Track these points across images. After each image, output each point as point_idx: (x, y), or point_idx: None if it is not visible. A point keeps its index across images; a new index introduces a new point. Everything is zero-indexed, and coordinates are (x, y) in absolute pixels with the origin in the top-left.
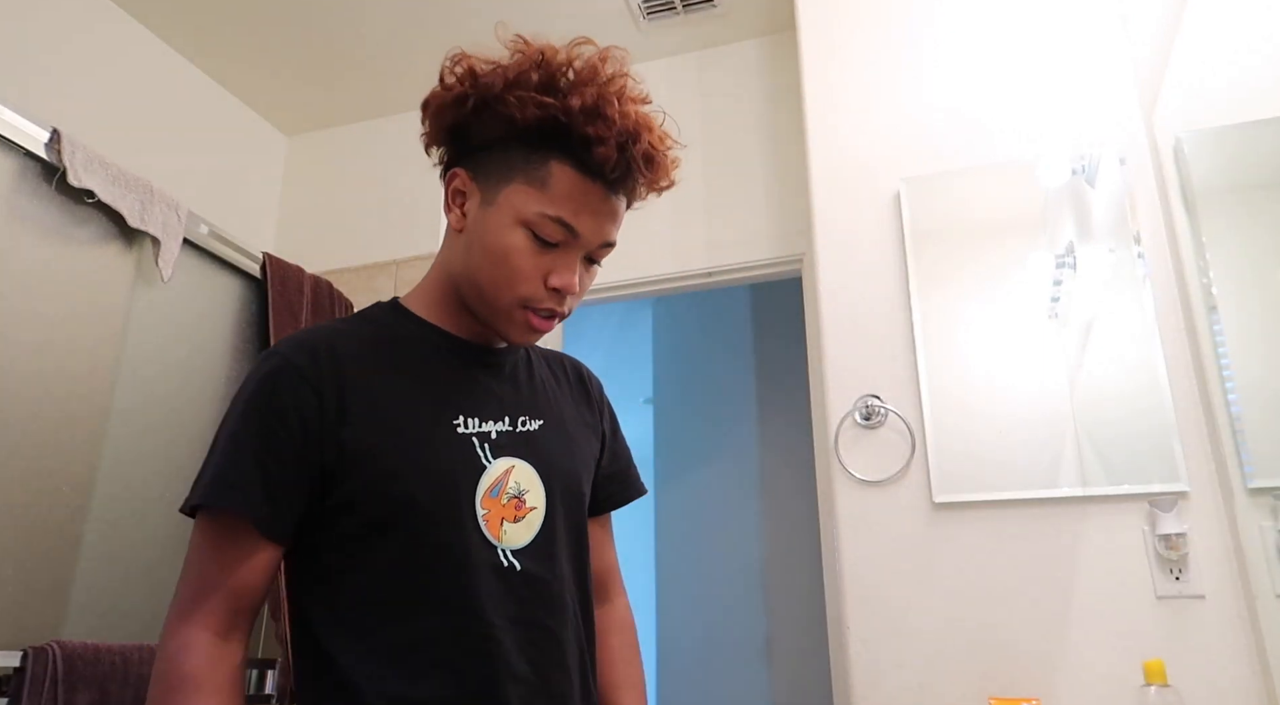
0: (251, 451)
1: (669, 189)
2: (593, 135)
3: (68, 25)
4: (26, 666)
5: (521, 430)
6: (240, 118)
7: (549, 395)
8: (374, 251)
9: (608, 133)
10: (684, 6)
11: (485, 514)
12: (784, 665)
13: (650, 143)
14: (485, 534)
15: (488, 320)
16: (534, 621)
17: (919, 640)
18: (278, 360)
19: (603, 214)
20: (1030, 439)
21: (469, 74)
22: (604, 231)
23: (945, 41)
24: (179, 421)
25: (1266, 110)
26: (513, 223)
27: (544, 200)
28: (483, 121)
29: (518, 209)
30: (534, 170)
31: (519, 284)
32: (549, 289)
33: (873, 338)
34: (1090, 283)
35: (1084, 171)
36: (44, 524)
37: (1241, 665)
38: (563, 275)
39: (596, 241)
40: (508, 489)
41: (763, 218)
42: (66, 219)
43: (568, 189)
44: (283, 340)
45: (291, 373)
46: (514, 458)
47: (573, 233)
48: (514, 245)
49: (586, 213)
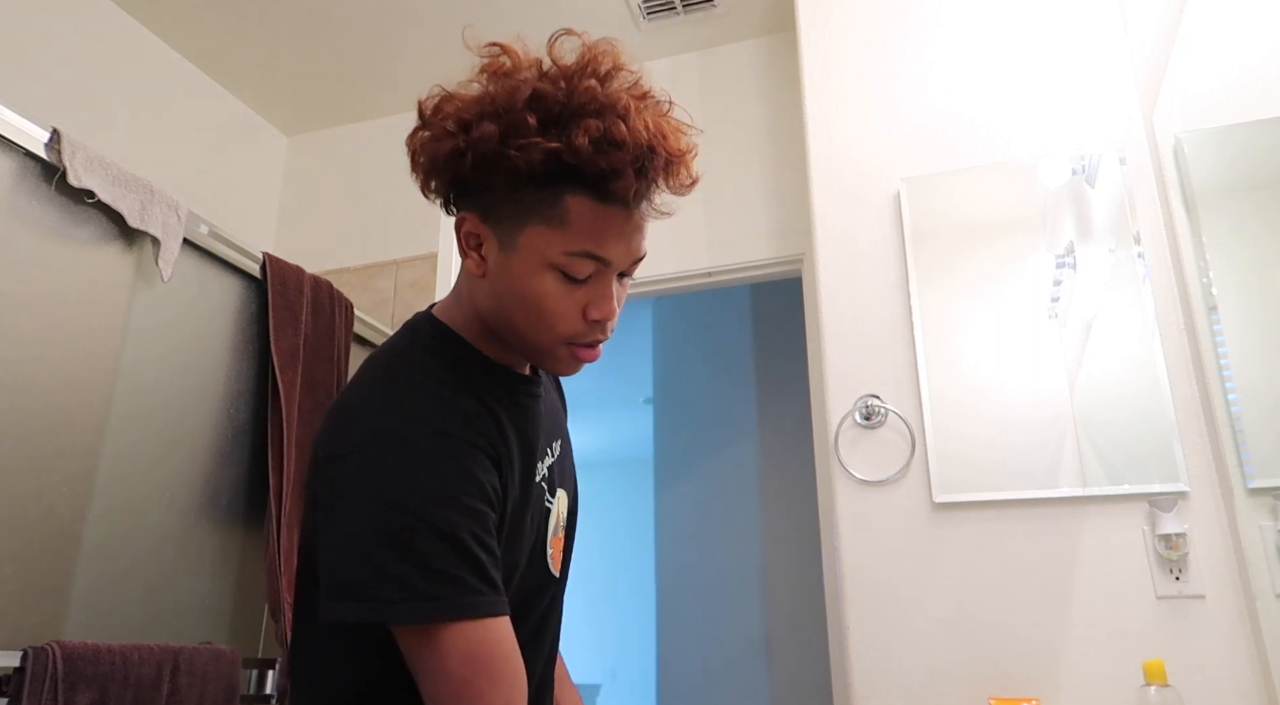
0: (480, 547)
1: (693, 188)
2: (607, 168)
3: (68, 25)
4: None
5: (555, 458)
6: (240, 118)
7: (555, 410)
8: (374, 251)
9: (622, 161)
10: (684, 6)
11: (551, 555)
12: (784, 665)
13: (667, 152)
14: (552, 572)
15: (531, 358)
16: (547, 625)
17: (919, 640)
18: (454, 444)
19: (628, 234)
20: (1030, 439)
21: (457, 124)
22: (634, 249)
23: (945, 42)
24: (179, 421)
25: (1266, 110)
26: (539, 267)
27: (567, 238)
28: (484, 174)
29: (541, 252)
30: (550, 209)
31: (559, 325)
32: (589, 322)
33: (873, 338)
34: (1090, 283)
35: (1084, 171)
36: (44, 524)
37: (1241, 665)
38: (601, 307)
39: (629, 261)
40: (560, 522)
41: (763, 218)
42: (66, 219)
43: (589, 222)
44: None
45: (477, 453)
46: (561, 489)
47: (603, 262)
48: (545, 290)
49: (612, 239)
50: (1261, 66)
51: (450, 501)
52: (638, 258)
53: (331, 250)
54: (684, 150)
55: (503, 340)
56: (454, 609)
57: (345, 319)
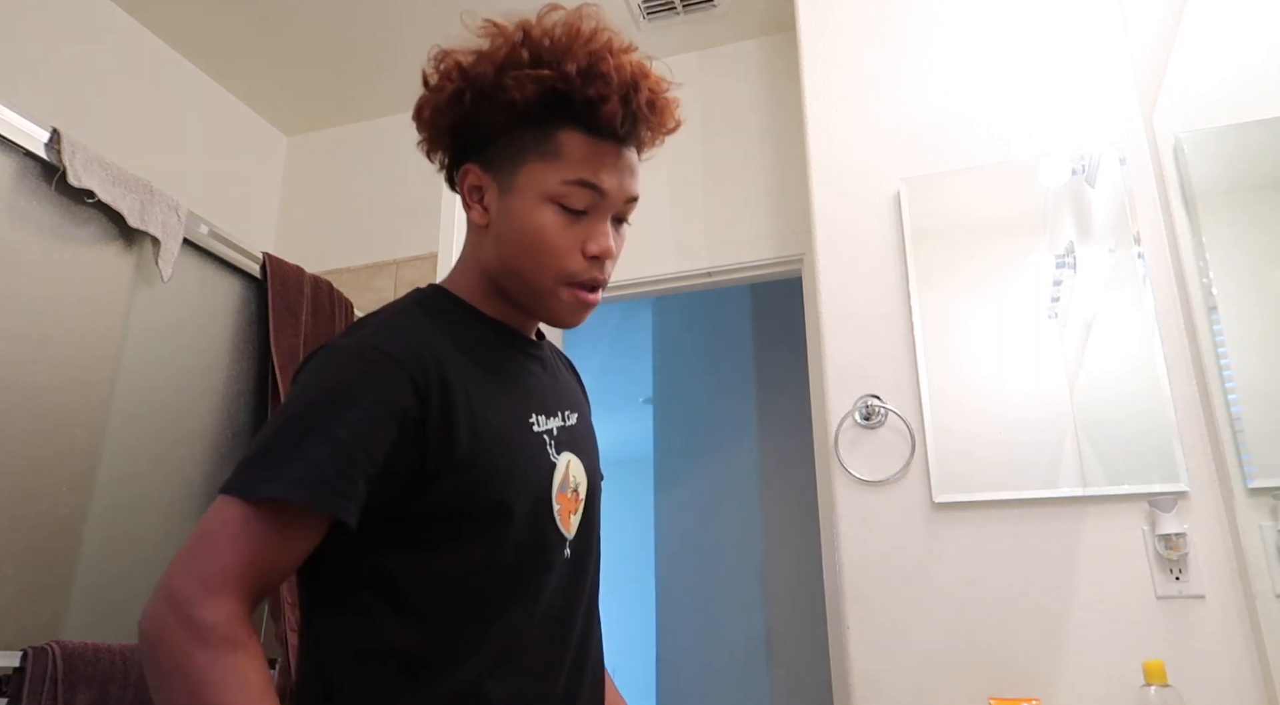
0: (354, 454)
1: (675, 131)
2: (595, 96)
3: (67, 25)
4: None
5: (567, 424)
6: (240, 118)
7: (571, 388)
8: (374, 251)
9: (609, 90)
10: (684, 6)
11: (559, 509)
12: (784, 665)
13: (650, 89)
14: (560, 528)
15: (534, 307)
16: (575, 612)
17: (919, 640)
18: (383, 360)
19: (621, 169)
20: (1030, 439)
21: (456, 69)
22: (626, 186)
23: (945, 42)
24: (179, 421)
25: (1266, 110)
26: (537, 201)
27: (563, 169)
28: (484, 112)
29: (539, 186)
30: (544, 145)
31: (559, 260)
32: (588, 259)
33: (873, 338)
34: (1090, 283)
35: (1084, 171)
36: (44, 523)
37: (1241, 665)
38: (599, 240)
39: (622, 197)
40: (570, 483)
41: (763, 218)
42: (66, 219)
43: (582, 153)
44: (374, 335)
45: (401, 375)
46: (570, 452)
47: (599, 192)
48: (544, 223)
49: (606, 170)
50: (1261, 66)
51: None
52: (631, 196)
53: (331, 250)
54: (665, 88)
55: (506, 296)
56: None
57: (345, 319)
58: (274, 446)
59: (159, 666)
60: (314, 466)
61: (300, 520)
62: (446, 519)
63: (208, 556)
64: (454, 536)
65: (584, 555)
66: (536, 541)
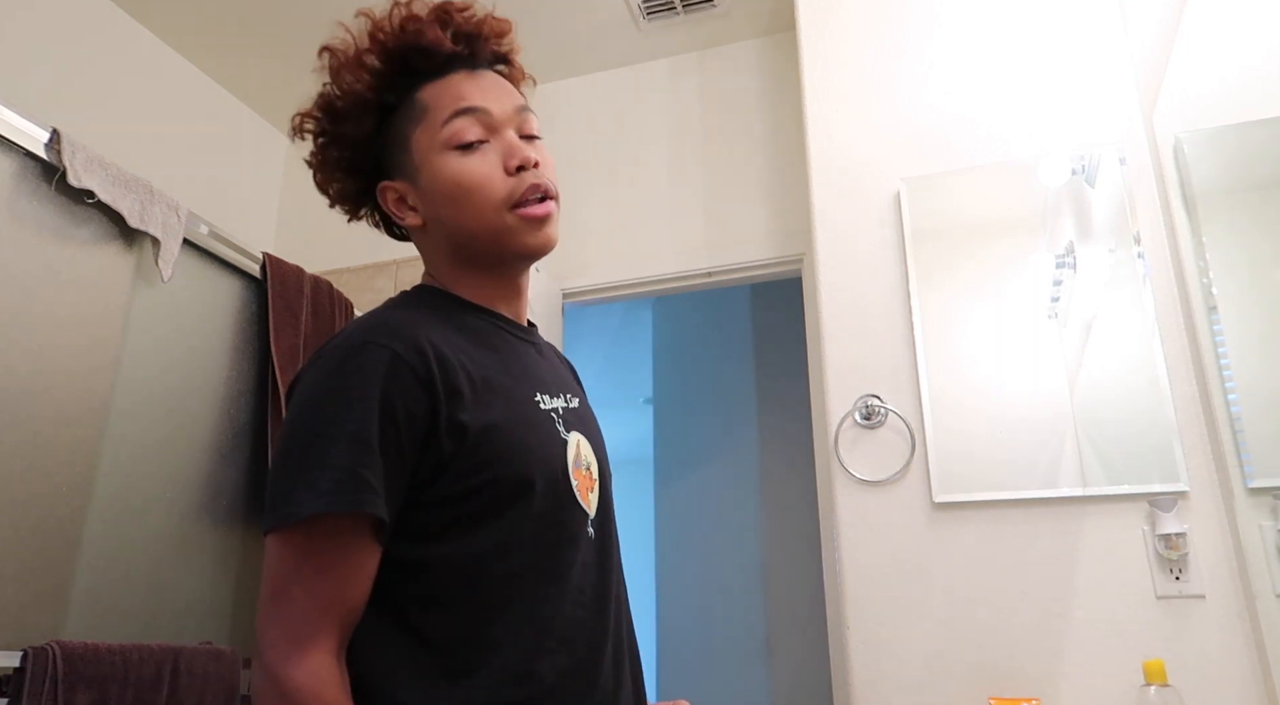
0: (374, 449)
1: (508, 34)
2: (414, 34)
3: (68, 25)
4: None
5: (570, 406)
6: (240, 118)
7: (568, 377)
8: (374, 251)
9: (421, 25)
10: (684, 6)
11: (577, 485)
12: (784, 665)
13: (457, 9)
14: (581, 505)
15: (501, 252)
16: (608, 589)
17: (919, 640)
18: (383, 353)
19: (484, 88)
20: (1030, 439)
21: (310, 115)
22: (504, 98)
23: (945, 42)
24: (179, 421)
25: (1266, 110)
26: (437, 157)
27: (436, 116)
28: (350, 123)
29: (429, 145)
30: (412, 113)
31: (488, 191)
32: (514, 175)
33: (873, 338)
34: (1090, 283)
35: (1084, 171)
36: (44, 524)
37: (1241, 665)
38: (513, 152)
39: (507, 110)
40: (582, 460)
41: (763, 218)
42: (66, 219)
43: (443, 94)
44: (373, 330)
45: (405, 370)
46: (578, 432)
47: (477, 111)
48: (455, 169)
49: (470, 91)
50: (1261, 66)
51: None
52: (517, 106)
53: (331, 250)
54: (469, 3)
55: (483, 273)
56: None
57: (345, 319)
58: (298, 467)
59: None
60: (344, 473)
61: (350, 532)
62: (468, 501)
63: (279, 607)
64: (477, 518)
65: (607, 536)
66: (559, 518)
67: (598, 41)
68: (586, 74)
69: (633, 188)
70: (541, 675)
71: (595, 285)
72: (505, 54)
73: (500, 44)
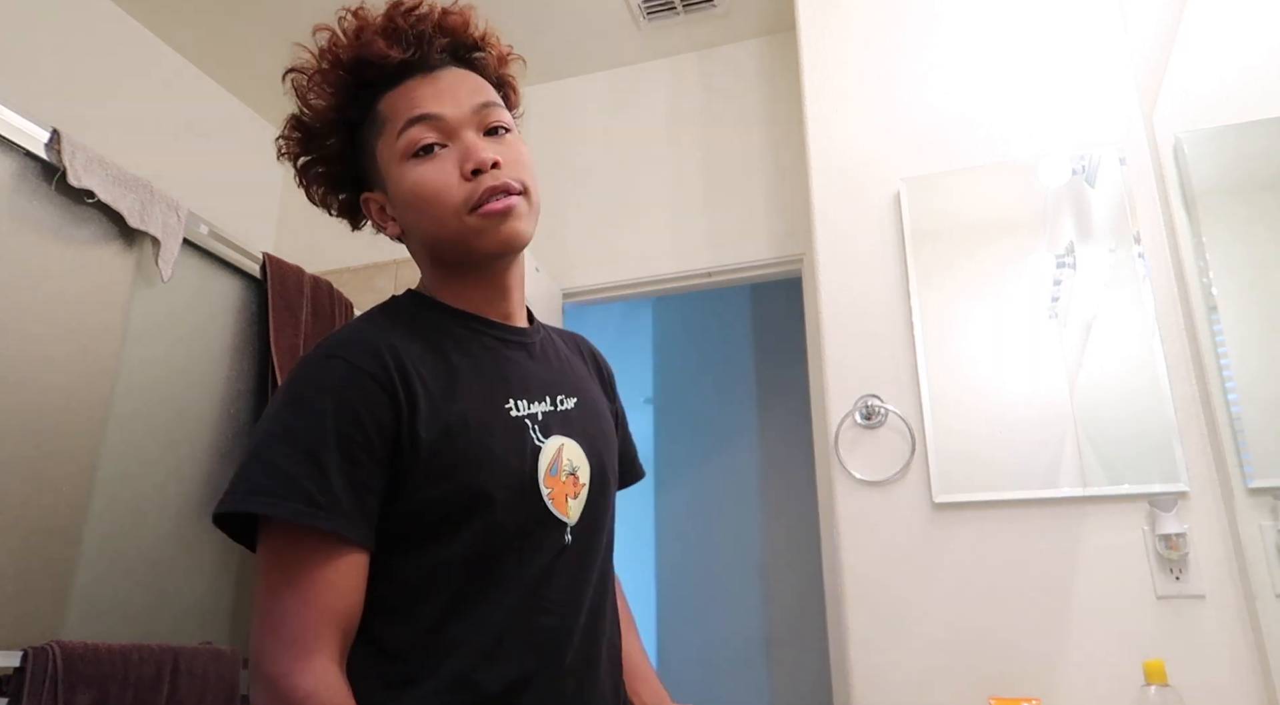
0: (336, 465)
1: (467, 27)
2: (365, 44)
3: (68, 25)
4: (26, 666)
5: (561, 409)
6: (240, 118)
7: (576, 374)
8: (374, 251)
9: (367, 33)
10: (684, 6)
11: (550, 493)
12: (784, 665)
13: (408, 6)
14: (554, 513)
15: (469, 254)
16: (582, 596)
17: (919, 640)
18: (340, 364)
19: (440, 88)
20: (1030, 439)
21: (285, 138)
22: (460, 98)
23: (945, 42)
24: (179, 421)
25: (1266, 110)
26: (398, 168)
27: (394, 128)
28: (321, 137)
29: (392, 156)
30: (375, 126)
31: (448, 196)
32: (470, 179)
33: (873, 338)
34: (1090, 282)
35: (1084, 171)
36: (44, 524)
37: (1241, 665)
38: (468, 156)
39: (464, 111)
40: (564, 466)
41: (763, 218)
42: (66, 219)
43: (399, 104)
44: (333, 343)
45: (362, 377)
46: (562, 436)
47: (430, 118)
48: (413, 179)
49: (424, 98)
50: (1261, 66)
51: (315, 416)
52: (477, 104)
53: (331, 250)
54: (424, 4)
55: (455, 270)
56: (284, 508)
57: (345, 319)
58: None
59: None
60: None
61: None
62: (426, 512)
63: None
64: (436, 529)
65: (591, 545)
66: (526, 528)
67: (598, 41)
68: (586, 74)
69: (633, 188)
70: (482, 685)
71: (595, 285)
72: (472, 43)
73: (461, 37)
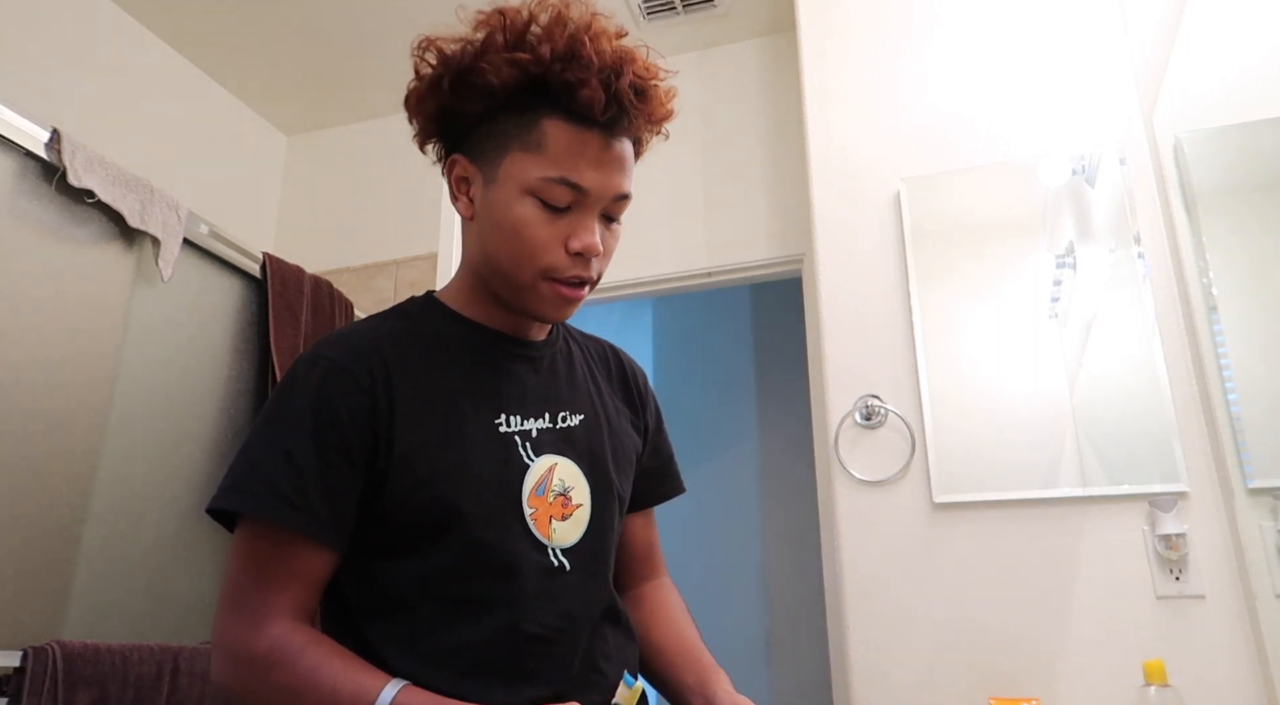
0: (312, 465)
1: (668, 120)
2: (573, 79)
3: (68, 25)
4: (26, 666)
5: (562, 426)
6: (240, 118)
7: (589, 388)
8: (374, 251)
9: (587, 73)
10: (684, 6)
11: (533, 513)
12: (784, 665)
13: (635, 73)
14: (535, 534)
15: (516, 301)
16: (579, 620)
17: (919, 640)
18: (325, 364)
19: (606, 163)
20: (1030, 439)
21: (437, 55)
22: (613, 183)
23: (945, 42)
24: (179, 421)
25: (1266, 110)
26: (518, 194)
27: (543, 163)
28: (463, 98)
29: (519, 178)
30: (527, 134)
31: (538, 255)
32: (571, 255)
33: (873, 338)
34: (1090, 283)
35: (1084, 171)
36: (44, 524)
37: (1241, 665)
38: (582, 237)
39: (608, 195)
40: (553, 487)
41: (763, 218)
42: (66, 219)
43: (565, 145)
44: (323, 343)
45: (343, 378)
46: (556, 455)
47: (579, 191)
48: (523, 217)
49: (589, 166)
50: (1261, 66)
51: (296, 416)
52: (620, 194)
53: (331, 250)
54: (653, 73)
55: (492, 294)
56: (255, 505)
57: (345, 319)
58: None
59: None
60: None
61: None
62: (404, 521)
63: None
64: (414, 540)
65: (593, 564)
66: (506, 546)
67: None
68: None
69: (633, 188)
70: (468, 697)
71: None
72: (656, 129)
73: (654, 123)
